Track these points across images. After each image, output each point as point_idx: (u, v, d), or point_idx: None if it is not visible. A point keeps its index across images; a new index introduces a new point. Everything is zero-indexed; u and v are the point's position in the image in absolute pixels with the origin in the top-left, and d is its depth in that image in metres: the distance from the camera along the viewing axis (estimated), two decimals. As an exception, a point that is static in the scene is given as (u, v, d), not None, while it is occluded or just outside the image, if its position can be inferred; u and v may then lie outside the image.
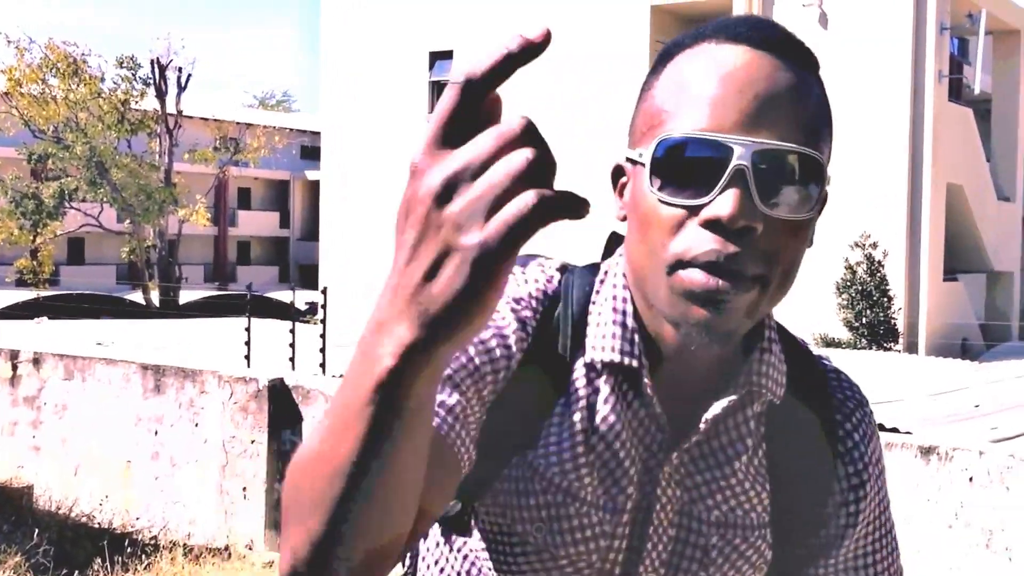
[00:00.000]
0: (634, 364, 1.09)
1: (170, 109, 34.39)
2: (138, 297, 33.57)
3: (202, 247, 46.14)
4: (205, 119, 39.33)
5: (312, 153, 46.76)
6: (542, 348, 1.11)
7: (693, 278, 0.99)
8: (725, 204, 0.96)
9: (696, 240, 0.98)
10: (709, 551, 1.15)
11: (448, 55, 23.34)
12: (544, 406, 1.12)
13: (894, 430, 7.84)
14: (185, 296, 34.17)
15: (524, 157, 0.63)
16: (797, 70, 1.03)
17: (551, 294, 1.14)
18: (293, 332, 11.85)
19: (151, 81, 34.01)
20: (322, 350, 11.79)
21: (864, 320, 18.14)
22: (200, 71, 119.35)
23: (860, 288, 18.20)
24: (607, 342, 1.10)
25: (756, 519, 1.16)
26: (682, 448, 1.12)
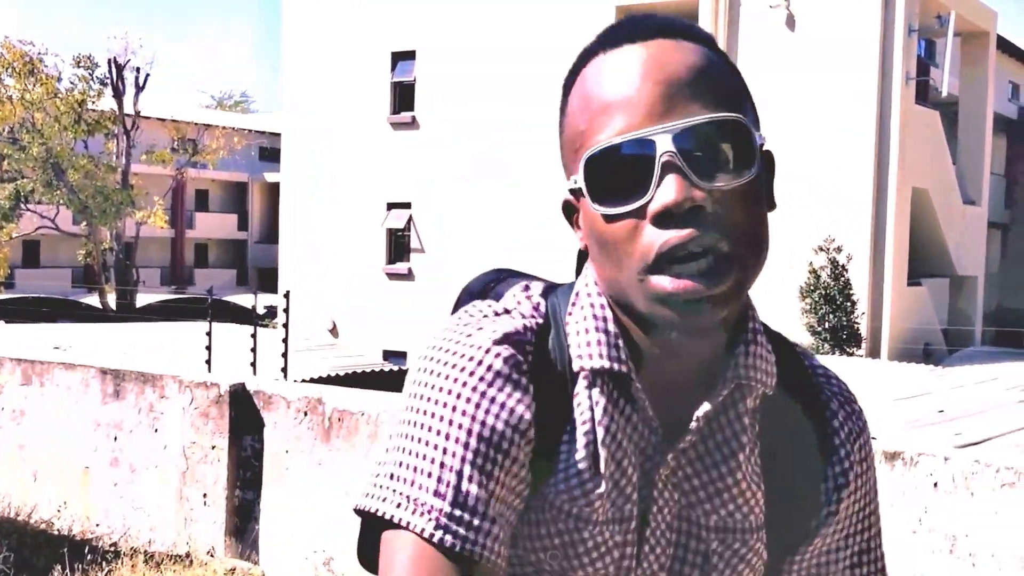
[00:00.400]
0: (623, 369, 1.08)
1: (128, 109, 34.09)
2: (94, 300, 33.28)
3: (159, 250, 45.79)
4: (163, 120, 39.07)
5: (271, 155, 46.51)
6: (544, 381, 1.09)
7: (662, 284, 0.99)
8: (666, 193, 0.97)
9: (653, 238, 0.98)
10: (710, 557, 1.14)
11: (411, 55, 23.28)
12: (556, 434, 1.10)
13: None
14: (142, 299, 33.92)
15: None
16: (689, 47, 1.04)
17: (541, 322, 1.12)
18: (255, 336, 11.74)
19: (108, 81, 33.67)
20: (284, 354, 11.69)
21: (827, 325, 18.23)
22: (158, 71, 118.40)
23: (824, 292, 18.28)
24: (593, 349, 1.08)
25: (754, 521, 1.14)
26: (677, 449, 1.10)
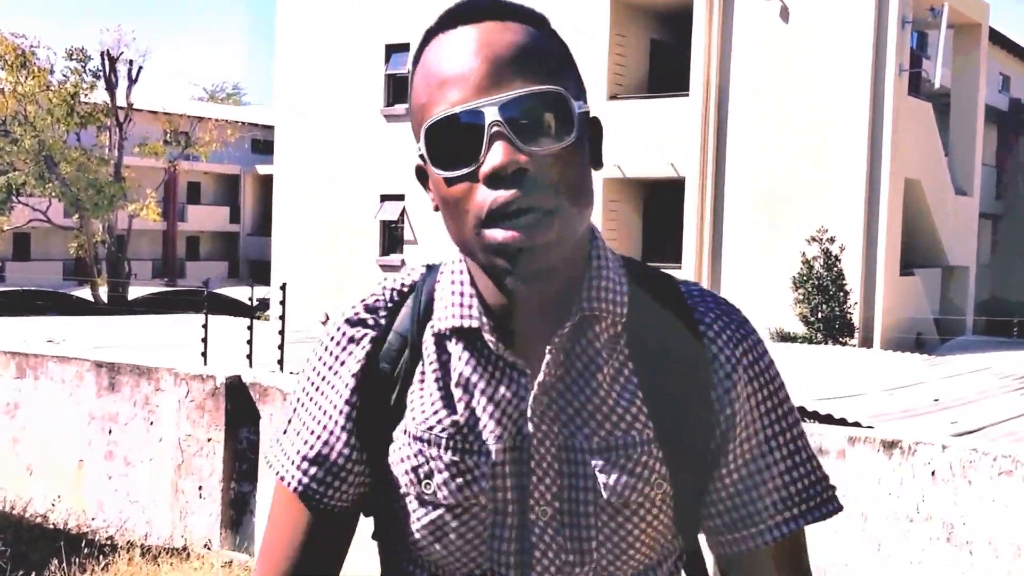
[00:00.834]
0: (473, 325, 1.23)
1: (120, 102, 33.96)
2: (85, 293, 33.12)
3: (151, 242, 45.65)
4: (155, 112, 38.91)
5: (263, 147, 46.39)
6: (397, 338, 1.27)
7: (495, 236, 1.12)
8: (494, 157, 1.11)
9: (485, 197, 1.12)
10: (596, 477, 1.22)
11: (404, 48, 23.22)
12: (408, 380, 1.26)
13: (856, 424, 7.89)
14: (134, 292, 33.78)
15: None
16: (515, 27, 1.17)
17: (407, 288, 1.31)
18: (251, 328, 11.71)
19: (101, 73, 33.53)
20: (280, 346, 11.67)
21: (820, 315, 18.24)
22: (151, 64, 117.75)
23: (816, 283, 18.30)
24: (447, 311, 1.25)
25: (637, 437, 1.22)
26: (539, 383, 1.21)
